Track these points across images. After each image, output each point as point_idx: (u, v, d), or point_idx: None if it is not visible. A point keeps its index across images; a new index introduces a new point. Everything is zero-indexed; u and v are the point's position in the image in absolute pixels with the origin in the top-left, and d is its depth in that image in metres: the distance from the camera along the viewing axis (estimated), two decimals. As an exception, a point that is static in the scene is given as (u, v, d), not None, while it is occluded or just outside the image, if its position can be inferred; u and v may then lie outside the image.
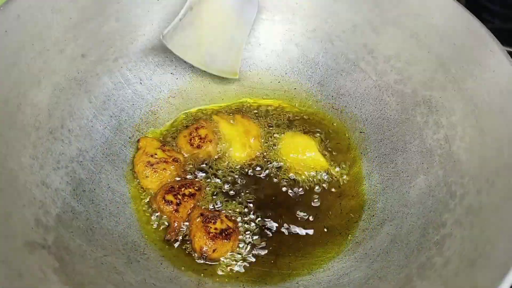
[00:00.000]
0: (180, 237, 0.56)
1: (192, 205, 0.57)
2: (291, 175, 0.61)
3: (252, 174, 0.62)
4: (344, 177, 0.62)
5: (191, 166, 0.62)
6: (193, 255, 0.54)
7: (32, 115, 0.55)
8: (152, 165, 0.59)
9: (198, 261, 0.54)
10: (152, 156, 0.60)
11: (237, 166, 0.62)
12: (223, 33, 0.60)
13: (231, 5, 0.60)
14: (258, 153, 0.63)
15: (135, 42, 0.67)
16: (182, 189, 0.57)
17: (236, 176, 0.61)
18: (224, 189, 0.60)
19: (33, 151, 0.53)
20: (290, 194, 0.60)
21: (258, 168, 0.62)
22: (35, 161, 0.53)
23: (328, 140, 0.65)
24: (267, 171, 0.62)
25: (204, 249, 0.53)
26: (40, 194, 0.51)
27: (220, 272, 0.53)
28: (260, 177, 0.61)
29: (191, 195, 0.57)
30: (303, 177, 0.62)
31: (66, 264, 0.47)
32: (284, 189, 0.60)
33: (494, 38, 0.55)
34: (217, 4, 0.60)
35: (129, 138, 0.64)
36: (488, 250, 0.43)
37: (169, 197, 0.57)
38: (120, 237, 0.54)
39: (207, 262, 0.54)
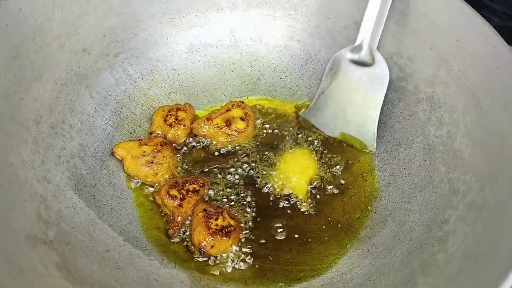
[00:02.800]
0: (182, 233, 0.55)
1: (196, 201, 0.57)
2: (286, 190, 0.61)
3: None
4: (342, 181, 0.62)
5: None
6: (193, 250, 0.54)
7: (33, 109, 0.54)
8: (151, 162, 0.59)
9: (198, 258, 0.54)
10: (143, 155, 0.59)
11: (245, 167, 0.62)
12: (354, 111, 0.63)
13: (358, 83, 0.62)
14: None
15: (137, 37, 0.66)
16: (187, 185, 0.57)
17: (241, 179, 0.61)
18: (230, 185, 0.60)
19: (34, 146, 0.53)
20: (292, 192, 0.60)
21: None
22: (36, 156, 0.53)
23: (329, 137, 0.65)
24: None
25: (202, 244, 0.53)
26: (41, 189, 0.51)
27: (222, 269, 0.53)
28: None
29: (195, 191, 0.57)
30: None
31: (67, 259, 0.47)
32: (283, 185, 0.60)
33: (497, 34, 0.54)
34: (345, 84, 0.62)
35: (130, 133, 0.64)
36: (491, 247, 0.43)
37: (173, 192, 0.56)
38: (122, 232, 0.54)
39: (204, 258, 0.53)
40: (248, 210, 0.58)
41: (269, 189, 0.60)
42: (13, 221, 0.45)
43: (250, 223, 0.57)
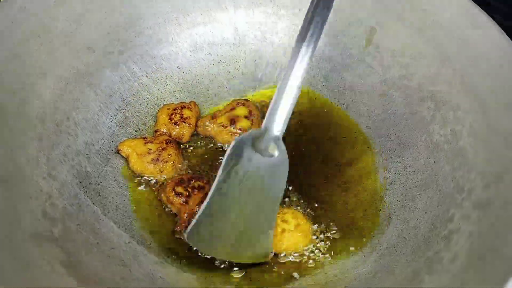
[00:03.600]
0: None
1: (201, 198, 0.57)
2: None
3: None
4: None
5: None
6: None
7: (38, 107, 0.54)
8: (157, 159, 0.59)
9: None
10: (148, 153, 0.59)
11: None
12: (253, 214, 0.50)
13: (261, 176, 0.50)
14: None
15: (141, 35, 0.66)
16: (192, 182, 0.57)
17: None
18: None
19: (39, 143, 0.53)
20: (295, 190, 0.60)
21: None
22: (42, 153, 0.53)
23: (333, 136, 0.65)
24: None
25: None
26: (46, 187, 0.51)
27: (225, 266, 0.53)
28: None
29: (201, 188, 0.57)
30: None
31: (72, 256, 0.47)
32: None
33: (502, 32, 0.55)
34: (247, 179, 0.50)
35: (135, 131, 0.64)
36: (496, 245, 0.43)
37: (179, 189, 0.56)
38: (127, 230, 0.54)
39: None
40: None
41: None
42: (18, 218, 0.45)
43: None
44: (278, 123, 0.48)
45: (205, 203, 0.48)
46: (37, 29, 0.57)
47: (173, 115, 0.63)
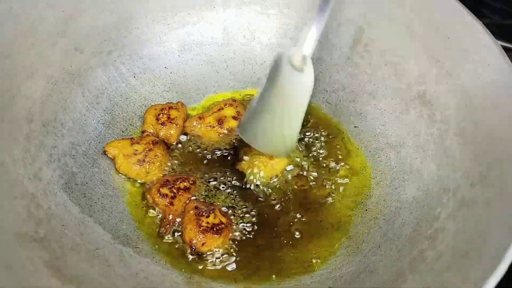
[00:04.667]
0: (174, 231, 0.55)
1: (187, 198, 0.57)
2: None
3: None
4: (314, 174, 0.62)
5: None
6: (185, 248, 0.54)
7: (25, 107, 0.55)
8: (143, 160, 0.59)
9: (191, 256, 0.54)
10: (135, 154, 0.59)
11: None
12: (284, 119, 0.59)
13: (292, 88, 0.58)
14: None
15: (129, 35, 0.66)
16: (177, 183, 0.57)
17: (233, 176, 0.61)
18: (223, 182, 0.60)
19: (25, 144, 0.53)
20: (282, 190, 0.60)
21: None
22: (28, 154, 0.53)
23: (321, 135, 0.65)
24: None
25: (193, 242, 0.53)
26: (32, 187, 0.51)
27: (212, 267, 0.53)
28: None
29: (186, 189, 0.57)
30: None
31: (57, 257, 0.47)
32: (276, 186, 0.60)
33: (488, 32, 0.54)
34: (283, 90, 0.58)
35: (122, 132, 0.64)
36: (480, 244, 0.43)
37: (164, 190, 0.56)
38: (113, 230, 0.54)
39: (196, 256, 0.54)
40: (242, 208, 0.58)
41: (257, 184, 0.60)
42: (2, 218, 0.46)
43: (242, 219, 0.57)
44: (307, 45, 0.57)
45: (252, 104, 0.57)
46: (25, 29, 0.57)
47: (160, 116, 0.63)
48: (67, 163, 0.56)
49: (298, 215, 0.58)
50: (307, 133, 0.66)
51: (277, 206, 0.59)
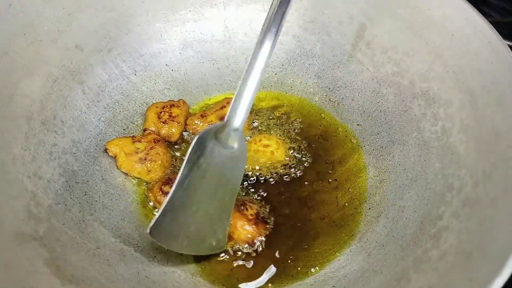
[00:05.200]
0: None
1: None
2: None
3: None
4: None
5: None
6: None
7: (24, 105, 0.54)
8: (144, 159, 0.58)
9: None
10: (136, 152, 0.59)
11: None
12: (213, 205, 0.52)
13: (221, 169, 0.51)
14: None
15: (130, 32, 0.66)
16: None
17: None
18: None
19: (25, 142, 0.53)
20: (284, 188, 0.60)
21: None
22: (27, 152, 0.52)
23: (324, 133, 0.65)
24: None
25: (249, 236, 0.53)
26: (32, 186, 0.50)
27: (215, 265, 0.53)
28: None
29: None
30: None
31: (57, 256, 0.46)
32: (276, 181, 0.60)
33: (492, 28, 0.54)
34: (209, 172, 0.50)
35: (123, 130, 0.63)
36: (484, 243, 0.43)
37: (167, 189, 0.56)
38: (114, 229, 0.54)
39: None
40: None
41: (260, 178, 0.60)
42: (1, 217, 0.45)
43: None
44: (238, 116, 0.49)
45: (167, 198, 0.48)
46: (24, 26, 0.56)
47: (161, 114, 0.62)
48: (68, 161, 0.56)
49: (300, 214, 0.57)
50: (309, 131, 0.65)
51: (278, 205, 0.58)
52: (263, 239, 0.54)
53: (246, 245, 0.54)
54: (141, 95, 0.66)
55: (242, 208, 0.54)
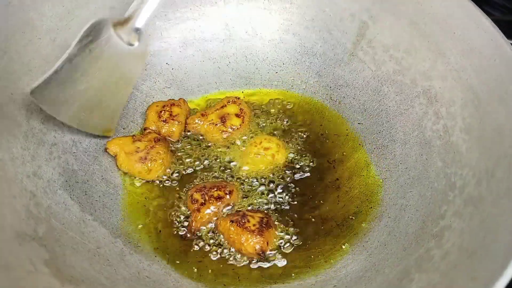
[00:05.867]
0: (194, 237, 0.54)
1: (216, 207, 0.55)
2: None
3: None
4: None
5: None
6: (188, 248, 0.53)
7: (24, 104, 0.54)
8: (145, 158, 0.58)
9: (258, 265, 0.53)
10: (136, 152, 0.58)
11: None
12: (102, 90, 0.54)
13: (117, 60, 0.54)
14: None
15: (130, 31, 0.65)
16: (212, 190, 0.56)
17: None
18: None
19: (24, 141, 0.52)
20: (284, 187, 0.59)
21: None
22: (27, 151, 0.52)
23: (325, 132, 0.64)
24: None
25: (257, 248, 0.52)
26: (31, 185, 0.50)
27: (214, 265, 0.52)
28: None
29: (219, 198, 0.55)
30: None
31: (57, 256, 0.46)
32: (277, 182, 0.60)
33: (494, 26, 0.53)
34: (102, 59, 0.53)
35: (123, 129, 0.63)
36: (488, 242, 0.42)
37: (196, 196, 0.55)
38: (114, 229, 0.53)
39: (266, 261, 0.53)
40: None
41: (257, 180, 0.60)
42: (1, 217, 0.45)
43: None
44: (142, 17, 0.54)
45: (54, 67, 0.50)
46: (23, 25, 0.56)
47: (162, 113, 0.62)
48: (68, 161, 0.56)
49: (301, 213, 0.57)
50: (310, 130, 0.65)
51: (280, 204, 0.58)
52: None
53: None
54: (141, 94, 0.66)
55: (243, 221, 0.53)
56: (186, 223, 0.55)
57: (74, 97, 0.52)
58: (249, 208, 0.57)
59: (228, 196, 0.56)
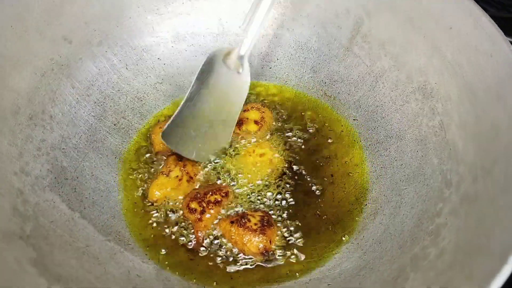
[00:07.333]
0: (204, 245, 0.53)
1: (217, 212, 0.54)
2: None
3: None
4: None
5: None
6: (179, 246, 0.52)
7: (10, 100, 0.53)
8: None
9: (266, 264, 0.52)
10: (180, 180, 0.57)
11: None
12: (216, 119, 0.59)
13: (227, 89, 0.59)
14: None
15: (121, 25, 0.64)
16: (208, 196, 0.55)
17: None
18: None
19: (11, 137, 0.51)
20: (280, 186, 0.58)
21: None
22: (14, 147, 0.51)
23: (320, 128, 0.64)
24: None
25: (260, 247, 0.51)
26: (18, 182, 0.49)
27: (204, 264, 0.51)
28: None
29: (217, 202, 0.55)
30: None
31: (44, 255, 0.45)
32: (272, 180, 0.59)
33: (491, 21, 0.53)
34: (216, 90, 0.59)
35: (114, 125, 0.62)
36: (484, 241, 0.42)
37: (193, 205, 0.54)
38: (104, 227, 0.52)
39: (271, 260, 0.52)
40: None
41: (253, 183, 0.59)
42: (-14, 215, 0.44)
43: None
44: (245, 45, 0.57)
45: (179, 108, 0.56)
46: (11, 19, 0.55)
47: None
48: (57, 157, 0.54)
49: (295, 211, 0.56)
50: (305, 126, 0.64)
51: (275, 202, 0.57)
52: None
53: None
54: (132, 90, 0.65)
55: (243, 221, 0.52)
56: (178, 222, 0.54)
57: (196, 130, 0.58)
58: (247, 208, 0.56)
59: (225, 198, 0.55)
